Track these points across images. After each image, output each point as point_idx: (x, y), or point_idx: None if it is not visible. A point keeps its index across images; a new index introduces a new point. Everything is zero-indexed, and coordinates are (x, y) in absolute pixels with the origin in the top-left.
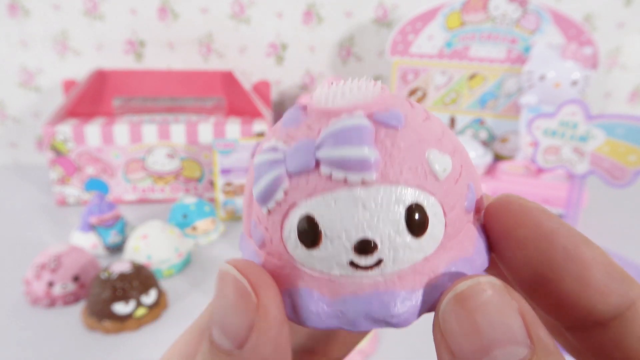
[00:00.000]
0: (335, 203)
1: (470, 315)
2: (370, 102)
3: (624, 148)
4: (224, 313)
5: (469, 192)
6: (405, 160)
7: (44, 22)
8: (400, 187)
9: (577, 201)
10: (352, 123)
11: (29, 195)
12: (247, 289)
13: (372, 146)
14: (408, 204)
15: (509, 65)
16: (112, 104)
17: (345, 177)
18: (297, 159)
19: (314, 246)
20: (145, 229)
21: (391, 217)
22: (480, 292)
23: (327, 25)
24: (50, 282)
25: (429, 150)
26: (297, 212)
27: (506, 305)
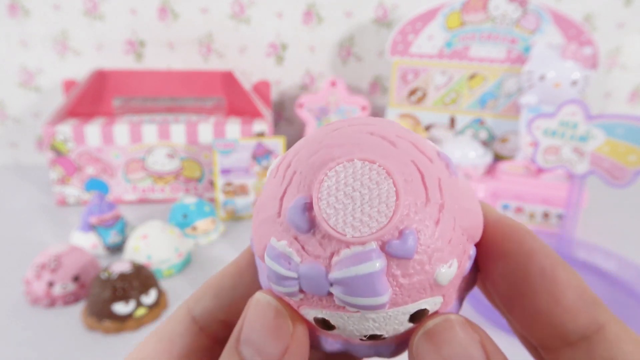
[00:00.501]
0: (348, 318)
1: (438, 349)
2: (383, 223)
3: (624, 148)
4: (261, 334)
5: (469, 260)
6: (414, 287)
7: (44, 22)
8: (408, 306)
9: (577, 201)
10: (365, 270)
11: (29, 195)
12: (285, 317)
13: (385, 291)
14: (413, 312)
15: (508, 65)
16: (112, 104)
17: (357, 310)
18: (311, 285)
19: (328, 329)
20: (145, 229)
21: (397, 322)
22: (447, 328)
23: (327, 25)
24: (50, 282)
25: (437, 270)
26: (312, 312)
27: (469, 339)
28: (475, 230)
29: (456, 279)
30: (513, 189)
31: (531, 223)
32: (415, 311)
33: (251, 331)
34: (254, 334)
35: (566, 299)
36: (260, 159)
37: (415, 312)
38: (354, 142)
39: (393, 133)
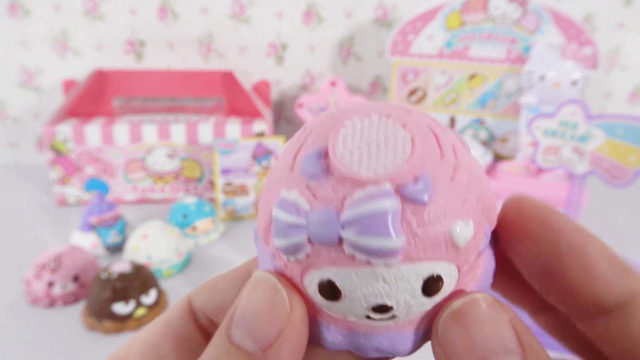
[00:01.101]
0: (356, 276)
1: (466, 330)
2: (398, 166)
3: (624, 148)
4: (255, 316)
5: (485, 238)
6: (428, 238)
7: (44, 22)
8: (421, 264)
9: (577, 201)
10: (378, 208)
11: (29, 195)
12: (284, 298)
13: (398, 233)
14: (427, 276)
15: (508, 65)
16: (112, 104)
17: (368, 259)
18: (321, 232)
19: (333, 300)
20: (145, 229)
21: (409, 287)
22: (475, 307)
23: (327, 25)
24: (50, 282)
25: (453, 225)
26: (318, 273)
27: (499, 318)
28: (489, 209)
29: (472, 250)
30: (513, 189)
31: None
32: (428, 276)
33: (245, 311)
34: (248, 315)
35: (598, 270)
36: (260, 159)
37: (428, 277)
38: (369, 107)
39: (406, 106)
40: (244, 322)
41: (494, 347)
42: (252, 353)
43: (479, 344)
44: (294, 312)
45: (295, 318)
